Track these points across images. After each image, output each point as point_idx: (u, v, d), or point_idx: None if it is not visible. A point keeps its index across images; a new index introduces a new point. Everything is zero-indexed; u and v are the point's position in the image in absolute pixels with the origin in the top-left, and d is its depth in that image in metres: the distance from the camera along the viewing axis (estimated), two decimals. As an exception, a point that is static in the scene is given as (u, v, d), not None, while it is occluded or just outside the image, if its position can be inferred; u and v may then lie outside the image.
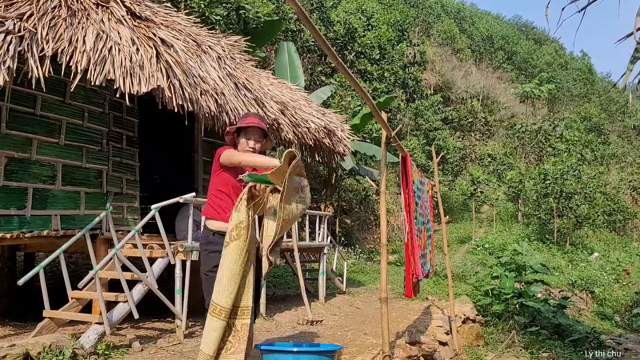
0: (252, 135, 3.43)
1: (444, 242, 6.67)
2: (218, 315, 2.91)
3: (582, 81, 47.78)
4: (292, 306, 7.33)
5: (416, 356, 4.74)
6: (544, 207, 21.52)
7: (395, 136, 3.86)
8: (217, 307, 2.91)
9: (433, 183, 6.32)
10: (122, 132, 6.34)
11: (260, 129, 3.43)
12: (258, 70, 8.13)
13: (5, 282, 6.49)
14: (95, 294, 4.82)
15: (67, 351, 3.96)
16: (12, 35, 4.51)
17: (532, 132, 30.68)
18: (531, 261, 9.35)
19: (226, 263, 2.95)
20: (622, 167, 32.38)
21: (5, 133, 4.99)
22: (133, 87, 4.95)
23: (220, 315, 2.90)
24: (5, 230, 4.92)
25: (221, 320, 2.91)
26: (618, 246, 23.38)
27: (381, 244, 3.83)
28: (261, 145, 3.50)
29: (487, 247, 17.69)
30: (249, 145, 3.43)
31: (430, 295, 9.05)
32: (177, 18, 6.70)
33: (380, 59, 20.13)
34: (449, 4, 47.75)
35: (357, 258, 13.86)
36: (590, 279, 15.24)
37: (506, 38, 47.75)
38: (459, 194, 24.30)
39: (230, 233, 2.97)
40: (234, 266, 2.95)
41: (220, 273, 2.96)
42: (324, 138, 8.18)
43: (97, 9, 5.43)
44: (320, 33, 2.27)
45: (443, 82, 34.20)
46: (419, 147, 23.22)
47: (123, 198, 6.28)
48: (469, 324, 7.09)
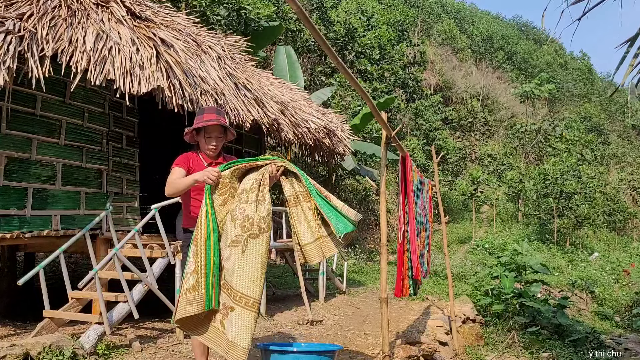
0: (212, 132, 3.30)
1: (444, 242, 6.67)
2: (252, 308, 2.87)
3: (582, 81, 47.81)
4: (292, 306, 7.33)
5: (416, 356, 4.74)
6: (544, 207, 21.52)
7: (395, 136, 3.86)
8: (250, 300, 2.86)
9: (433, 183, 6.31)
10: (122, 132, 6.34)
11: (221, 125, 3.29)
12: (258, 70, 8.13)
13: (5, 282, 6.49)
14: (95, 294, 4.82)
15: (67, 351, 3.96)
16: (12, 35, 4.51)
17: (532, 132, 30.69)
18: (531, 261, 9.34)
19: (261, 256, 2.91)
20: (622, 167, 32.39)
21: (5, 133, 4.98)
22: (133, 87, 4.95)
23: (254, 308, 2.87)
24: (5, 230, 4.92)
25: (255, 312, 2.88)
26: (618, 246, 23.38)
27: (381, 244, 3.82)
28: (223, 140, 3.38)
29: (487, 247, 17.68)
30: (209, 147, 3.31)
31: (430, 295, 9.05)
32: (177, 18, 6.69)
33: (380, 59, 20.14)
34: (449, 4, 47.76)
35: (357, 258, 13.86)
36: (590, 279, 15.23)
37: (506, 38, 47.76)
38: (459, 194, 24.30)
39: (259, 225, 2.93)
40: (265, 258, 2.94)
41: (254, 265, 2.89)
42: (324, 138, 8.18)
43: (97, 9, 5.43)
44: (320, 33, 2.27)
45: (443, 82, 34.22)
46: (419, 147, 23.23)
47: (123, 198, 6.28)
48: (469, 324, 7.09)
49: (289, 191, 3.15)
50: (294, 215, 3.15)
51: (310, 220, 3.12)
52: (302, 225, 3.14)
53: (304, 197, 3.15)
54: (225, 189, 3.04)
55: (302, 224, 3.14)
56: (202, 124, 3.29)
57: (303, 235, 3.14)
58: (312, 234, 3.13)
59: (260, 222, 2.94)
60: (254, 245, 2.92)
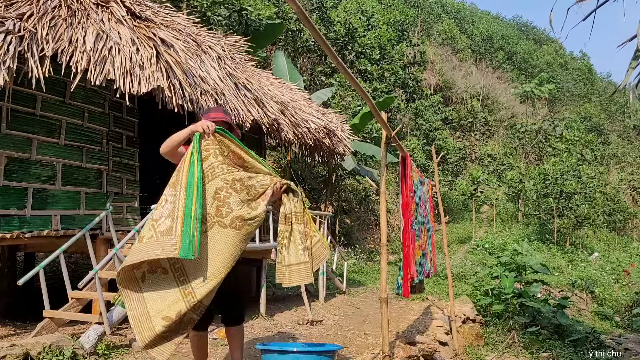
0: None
1: (444, 242, 6.66)
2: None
3: (582, 81, 47.83)
4: (292, 306, 7.33)
5: (416, 356, 4.74)
6: (544, 207, 21.52)
7: (395, 136, 3.86)
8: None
9: (433, 183, 6.31)
10: (122, 132, 6.34)
11: (226, 122, 3.31)
12: (258, 70, 8.13)
13: (5, 282, 6.48)
14: (95, 294, 4.82)
15: (67, 351, 3.96)
16: (12, 35, 4.51)
17: (532, 132, 30.70)
18: (531, 261, 9.34)
19: (220, 251, 2.87)
20: (622, 167, 32.41)
21: (5, 133, 4.99)
22: (133, 87, 4.95)
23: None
24: (5, 230, 4.92)
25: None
26: (618, 246, 23.38)
27: (381, 244, 3.83)
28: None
29: (487, 247, 17.68)
30: None
31: (430, 295, 9.06)
32: (177, 18, 6.70)
33: (380, 59, 20.14)
34: (449, 4, 47.77)
35: (357, 258, 13.86)
36: (590, 279, 15.23)
37: (506, 38, 47.77)
38: (459, 194, 24.30)
39: (234, 220, 2.91)
40: (225, 256, 2.90)
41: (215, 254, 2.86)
42: (324, 138, 8.18)
43: (97, 9, 5.43)
44: (320, 33, 2.27)
45: (443, 82, 34.22)
46: (419, 147, 23.22)
47: (123, 198, 6.28)
48: (469, 324, 7.08)
49: (288, 209, 3.12)
50: (284, 234, 3.11)
51: (297, 242, 3.10)
52: (290, 246, 3.12)
53: (297, 219, 3.13)
54: (208, 152, 2.98)
55: (290, 244, 3.12)
56: (210, 120, 3.28)
57: (287, 256, 3.10)
58: (296, 256, 3.09)
59: (236, 219, 2.91)
60: (219, 234, 2.86)
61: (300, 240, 3.10)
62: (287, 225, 3.12)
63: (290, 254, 3.10)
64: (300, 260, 3.08)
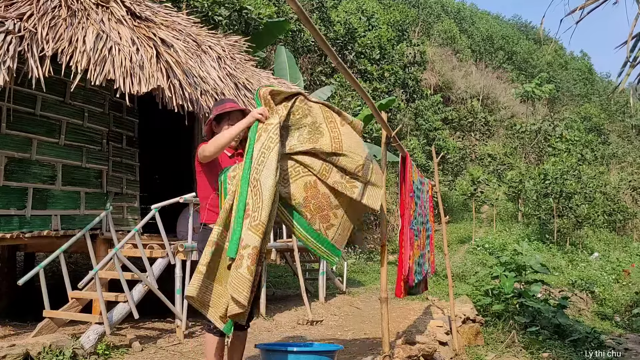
0: (235, 119, 3.23)
1: (444, 242, 6.66)
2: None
3: (582, 81, 47.81)
4: (292, 306, 7.33)
5: (416, 356, 4.73)
6: (544, 207, 21.52)
7: (395, 136, 3.86)
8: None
9: (433, 183, 6.31)
10: (122, 132, 6.34)
11: (241, 111, 3.28)
12: (258, 70, 8.13)
13: (5, 282, 6.48)
14: (95, 294, 4.82)
15: (67, 351, 3.96)
16: (12, 35, 4.51)
17: (532, 132, 30.69)
18: (531, 261, 9.34)
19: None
20: (622, 167, 32.40)
21: (5, 133, 4.99)
22: (133, 87, 4.96)
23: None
24: (5, 230, 4.92)
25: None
26: (618, 246, 23.38)
27: (381, 244, 3.82)
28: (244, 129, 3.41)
29: (487, 247, 17.68)
30: None
31: (430, 295, 9.05)
32: (177, 18, 6.70)
33: (380, 59, 20.15)
34: (449, 4, 47.75)
35: (357, 258, 13.86)
36: (590, 279, 15.23)
37: (506, 38, 47.74)
38: (459, 194, 24.29)
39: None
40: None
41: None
42: (324, 138, 8.16)
43: (97, 9, 5.44)
44: (320, 33, 2.27)
45: (443, 82, 34.21)
46: (419, 147, 23.22)
47: (123, 198, 6.28)
48: (469, 324, 7.08)
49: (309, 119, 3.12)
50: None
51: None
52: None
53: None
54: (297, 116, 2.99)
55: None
56: (227, 109, 3.26)
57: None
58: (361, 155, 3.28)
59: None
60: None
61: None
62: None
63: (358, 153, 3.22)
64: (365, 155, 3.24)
